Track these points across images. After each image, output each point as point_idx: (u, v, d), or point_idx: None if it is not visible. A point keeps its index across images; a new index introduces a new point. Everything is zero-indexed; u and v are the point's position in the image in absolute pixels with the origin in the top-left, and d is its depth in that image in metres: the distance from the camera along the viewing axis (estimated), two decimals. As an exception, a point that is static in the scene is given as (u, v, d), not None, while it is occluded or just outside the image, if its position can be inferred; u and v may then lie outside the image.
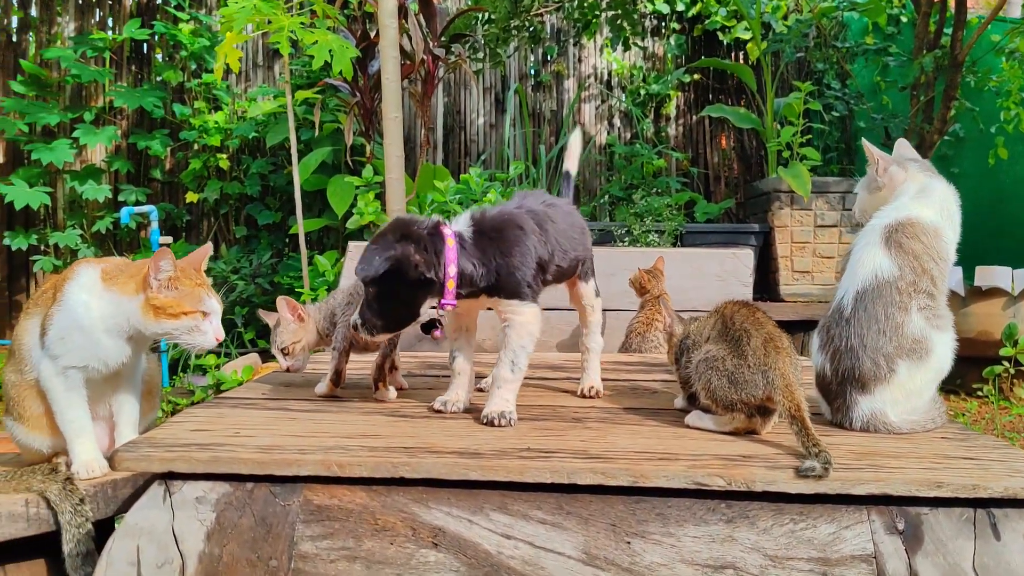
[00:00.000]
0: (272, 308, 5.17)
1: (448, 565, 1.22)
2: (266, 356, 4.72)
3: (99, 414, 1.72)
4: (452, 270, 1.54)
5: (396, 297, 1.54)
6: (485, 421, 1.55)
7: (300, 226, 4.25)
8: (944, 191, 1.61)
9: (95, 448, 1.67)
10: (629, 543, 1.23)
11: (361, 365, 2.03)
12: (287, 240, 5.56)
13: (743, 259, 3.36)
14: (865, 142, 1.72)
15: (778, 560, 1.22)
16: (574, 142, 2.12)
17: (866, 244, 1.57)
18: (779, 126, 4.74)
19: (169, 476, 1.27)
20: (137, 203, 5.36)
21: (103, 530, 1.56)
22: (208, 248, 1.71)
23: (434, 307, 1.59)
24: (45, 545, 1.60)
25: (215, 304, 1.64)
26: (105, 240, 5.53)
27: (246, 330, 4.92)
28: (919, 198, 1.59)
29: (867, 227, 1.61)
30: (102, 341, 1.56)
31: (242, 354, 4.63)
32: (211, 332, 1.63)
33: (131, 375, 1.72)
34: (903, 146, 1.76)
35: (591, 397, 1.83)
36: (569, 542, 1.23)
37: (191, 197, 5.37)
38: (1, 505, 1.50)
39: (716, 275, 3.34)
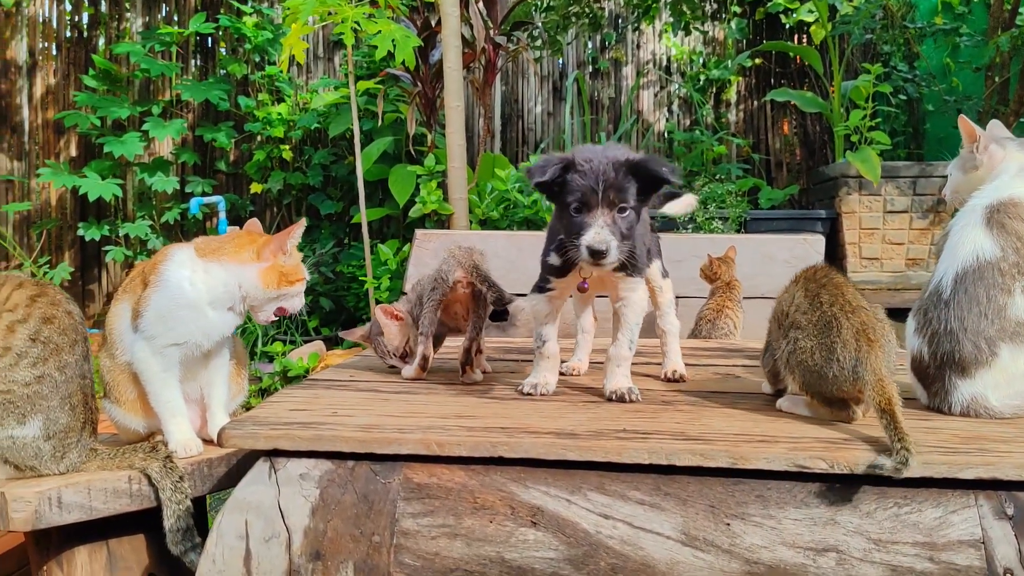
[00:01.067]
0: (338, 297, 5.22)
1: (548, 543, 1.23)
2: (330, 344, 4.81)
3: (190, 396, 1.76)
4: None
5: None
6: (615, 397, 1.59)
7: (363, 215, 4.30)
8: None
9: (190, 428, 1.71)
10: (729, 524, 1.23)
11: (444, 349, 2.05)
12: (348, 230, 5.63)
13: (814, 245, 3.30)
14: (964, 118, 1.67)
15: (882, 544, 1.20)
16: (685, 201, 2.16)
17: (965, 225, 1.53)
18: (843, 110, 4.64)
19: (274, 453, 1.30)
20: (204, 194, 5.49)
21: (196, 508, 1.61)
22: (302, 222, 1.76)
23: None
24: (145, 521, 1.66)
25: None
26: (173, 230, 5.67)
27: (310, 318, 5.01)
28: (1021, 177, 1.55)
29: (966, 207, 1.56)
30: (207, 314, 1.62)
31: (307, 341, 4.72)
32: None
33: (221, 357, 1.77)
34: (996, 126, 1.71)
35: (675, 380, 1.83)
36: (668, 523, 1.23)
37: (255, 188, 5.47)
38: (106, 481, 1.55)
39: (785, 261, 3.29)
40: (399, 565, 1.23)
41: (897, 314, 1.89)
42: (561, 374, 1.87)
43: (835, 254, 4.48)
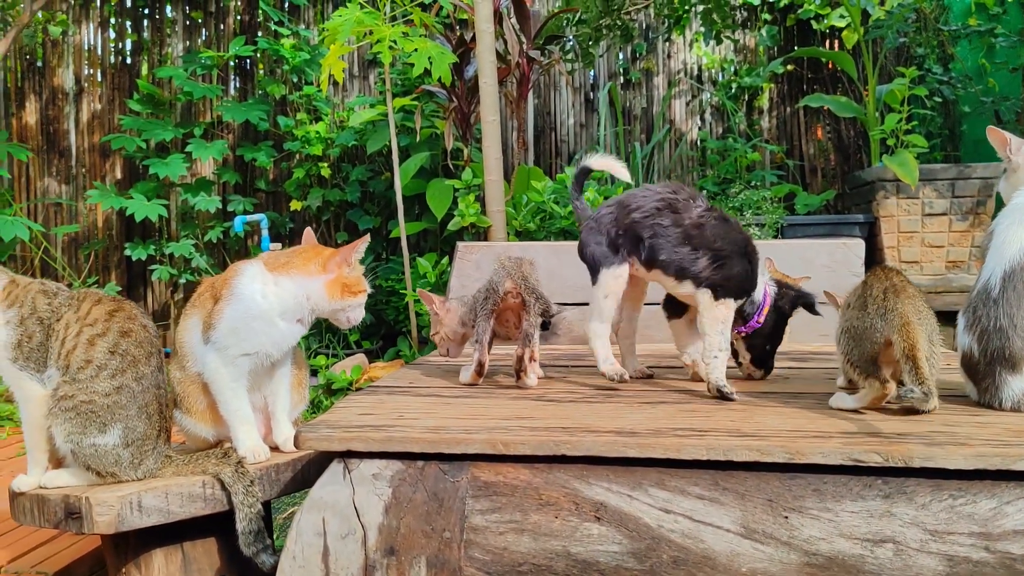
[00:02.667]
0: (378, 311, 5.32)
1: (611, 537, 1.28)
2: (372, 357, 4.89)
3: (255, 405, 1.83)
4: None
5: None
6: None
7: (402, 229, 4.39)
8: None
9: (258, 435, 1.79)
10: (787, 517, 1.27)
11: (497, 356, 2.11)
12: (385, 244, 5.73)
13: (854, 249, 3.31)
14: (992, 128, 1.70)
15: (938, 535, 1.24)
16: None
17: (1010, 224, 1.56)
18: (878, 114, 4.65)
19: (347, 455, 1.37)
20: (245, 212, 5.62)
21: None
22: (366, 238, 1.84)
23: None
24: (215, 524, 1.73)
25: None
26: (216, 248, 5.81)
27: (351, 332, 5.10)
28: (1058, 171, 1.58)
29: (1009, 206, 1.59)
30: (278, 325, 1.70)
31: (348, 355, 4.81)
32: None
33: (284, 367, 1.84)
34: None
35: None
36: (727, 516, 1.27)
37: (295, 205, 5.59)
38: (182, 486, 1.62)
39: (826, 266, 3.30)
40: (469, 559, 1.29)
41: (938, 317, 1.92)
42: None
43: (873, 258, 4.47)
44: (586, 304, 3.20)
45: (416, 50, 3.98)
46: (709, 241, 1.83)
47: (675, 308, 1.98)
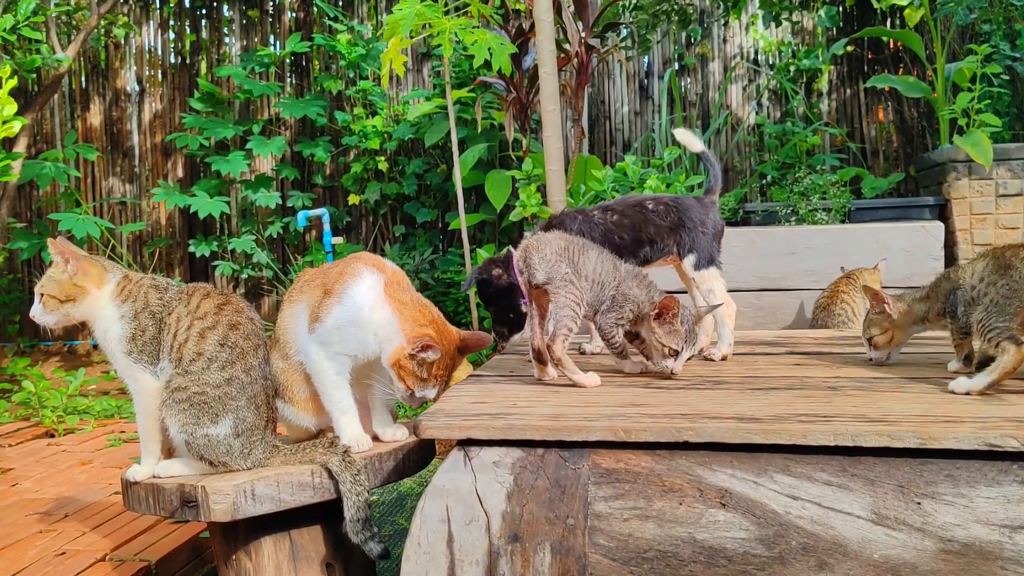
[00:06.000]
0: (438, 303, 5.42)
1: (738, 524, 1.27)
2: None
3: (354, 397, 1.86)
4: None
5: None
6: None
7: (463, 221, 4.39)
8: None
9: (359, 425, 1.81)
10: (919, 503, 1.25)
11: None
12: (442, 236, 5.75)
13: (932, 232, 3.24)
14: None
15: (1080, 521, 1.21)
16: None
17: None
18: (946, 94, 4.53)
19: (466, 443, 1.38)
20: (304, 207, 5.69)
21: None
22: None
23: None
24: (320, 512, 1.76)
25: None
26: (276, 243, 5.89)
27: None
28: None
29: None
30: (371, 341, 1.71)
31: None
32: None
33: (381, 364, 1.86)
34: None
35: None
36: (857, 503, 1.26)
37: (353, 199, 5.64)
38: (291, 475, 1.65)
39: (904, 249, 3.25)
40: (594, 546, 1.29)
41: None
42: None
43: (945, 241, 4.36)
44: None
45: (476, 42, 3.98)
46: None
47: None
